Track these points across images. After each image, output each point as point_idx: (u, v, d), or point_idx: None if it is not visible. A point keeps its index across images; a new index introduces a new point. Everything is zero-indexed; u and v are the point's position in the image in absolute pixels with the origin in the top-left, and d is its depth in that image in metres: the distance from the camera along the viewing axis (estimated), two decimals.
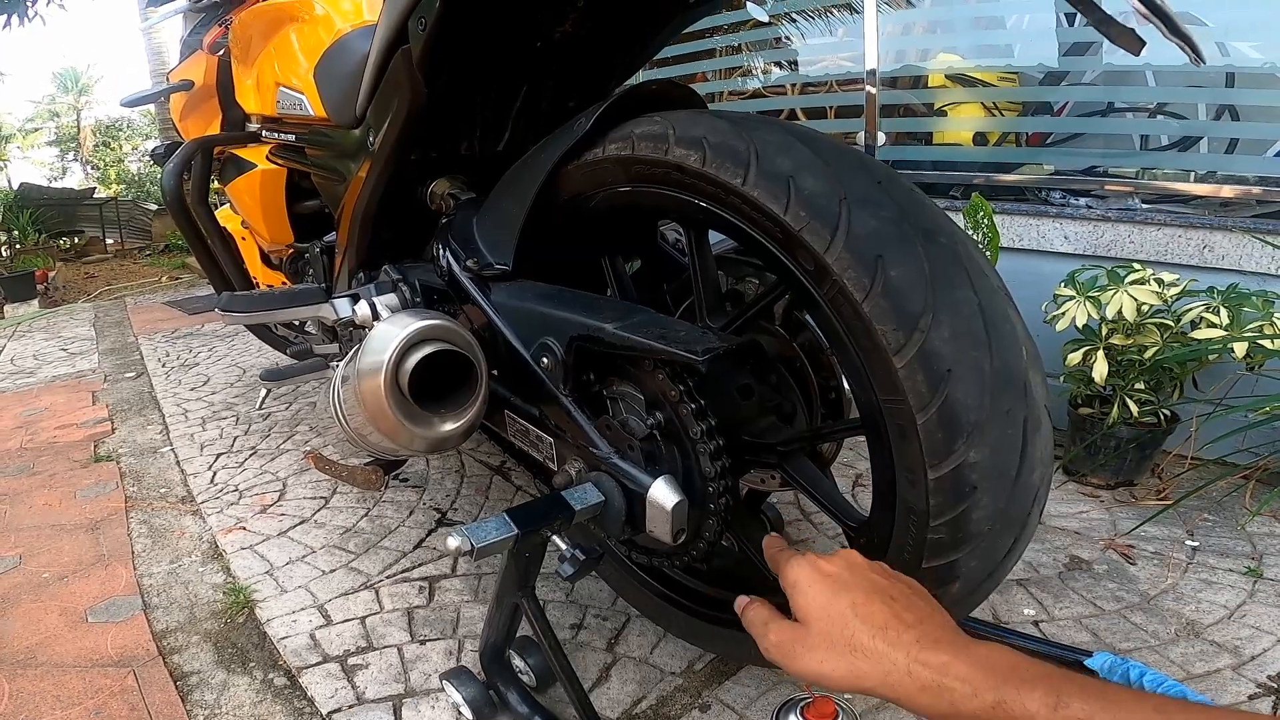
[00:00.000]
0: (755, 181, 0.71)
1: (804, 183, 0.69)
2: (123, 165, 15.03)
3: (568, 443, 0.90)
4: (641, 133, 0.81)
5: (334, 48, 1.33)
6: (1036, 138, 2.38)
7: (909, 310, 0.64)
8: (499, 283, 0.97)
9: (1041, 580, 1.33)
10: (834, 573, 0.58)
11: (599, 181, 0.87)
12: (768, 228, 0.71)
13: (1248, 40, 2.07)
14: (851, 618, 0.54)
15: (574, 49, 1.04)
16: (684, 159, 0.76)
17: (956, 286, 0.65)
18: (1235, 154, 2.02)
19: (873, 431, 0.71)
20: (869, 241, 0.65)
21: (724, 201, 0.74)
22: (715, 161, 0.74)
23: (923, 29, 2.67)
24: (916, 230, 0.66)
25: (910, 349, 0.63)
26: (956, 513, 0.66)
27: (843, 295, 0.66)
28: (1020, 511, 0.69)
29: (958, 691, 0.48)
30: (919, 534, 0.69)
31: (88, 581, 1.45)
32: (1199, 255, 1.69)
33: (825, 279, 0.67)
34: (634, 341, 0.77)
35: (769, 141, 0.72)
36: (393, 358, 0.81)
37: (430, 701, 1.09)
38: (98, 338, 3.47)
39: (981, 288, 0.66)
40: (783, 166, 0.70)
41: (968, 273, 0.66)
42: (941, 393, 0.63)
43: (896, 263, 0.65)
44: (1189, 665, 1.11)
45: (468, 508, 1.64)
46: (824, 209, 0.67)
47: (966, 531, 0.67)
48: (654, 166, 0.80)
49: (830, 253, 0.66)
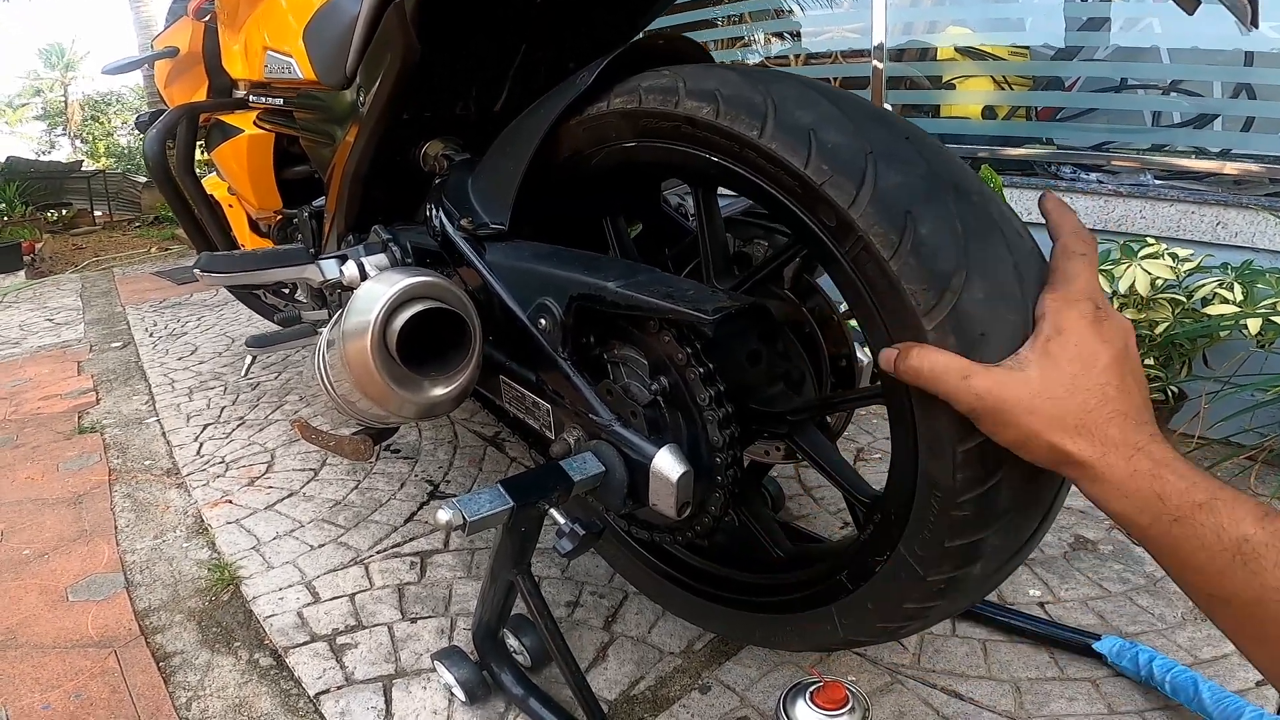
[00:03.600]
0: (773, 134, 0.66)
1: (826, 136, 0.64)
2: (112, 139, 14.80)
3: (566, 409, 0.86)
4: (649, 85, 0.77)
5: (323, 9, 1.28)
6: (1047, 112, 2.34)
7: (940, 268, 0.59)
8: (494, 242, 0.92)
9: (1047, 560, 1.30)
10: (1110, 339, 0.55)
11: (602, 137, 0.82)
12: (786, 182, 0.66)
13: (1269, 20, 2.04)
14: (1100, 399, 0.53)
15: (575, 7, 0.99)
16: (695, 111, 0.71)
17: (991, 244, 0.61)
18: (1251, 132, 1.99)
19: (894, 401, 0.67)
20: (897, 196, 0.61)
21: (738, 156, 0.70)
22: (729, 114, 0.69)
23: (932, 1, 2.61)
24: (948, 186, 0.62)
25: (942, 310, 0.59)
26: (985, 488, 0.62)
27: (868, 253, 0.62)
28: (1049, 487, 0.65)
29: (1172, 484, 0.49)
30: (943, 510, 0.65)
31: (69, 558, 1.41)
32: (1212, 232, 1.65)
33: (849, 236, 0.63)
34: (639, 300, 0.72)
35: (787, 94, 0.68)
36: (380, 316, 0.76)
37: (422, 682, 1.05)
38: (84, 308, 3.40)
39: (1016, 247, 0.62)
40: (803, 119, 0.66)
41: (1002, 231, 0.62)
42: (975, 358, 0.59)
43: (927, 218, 0.60)
44: (1196, 650, 1.09)
45: (461, 479, 1.61)
46: (849, 162, 0.63)
47: (994, 508, 0.63)
48: (662, 120, 0.75)
49: (855, 208, 0.61)
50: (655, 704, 1.02)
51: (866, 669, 1.06)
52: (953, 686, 1.02)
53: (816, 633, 0.83)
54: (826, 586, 0.80)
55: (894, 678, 1.04)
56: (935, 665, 1.06)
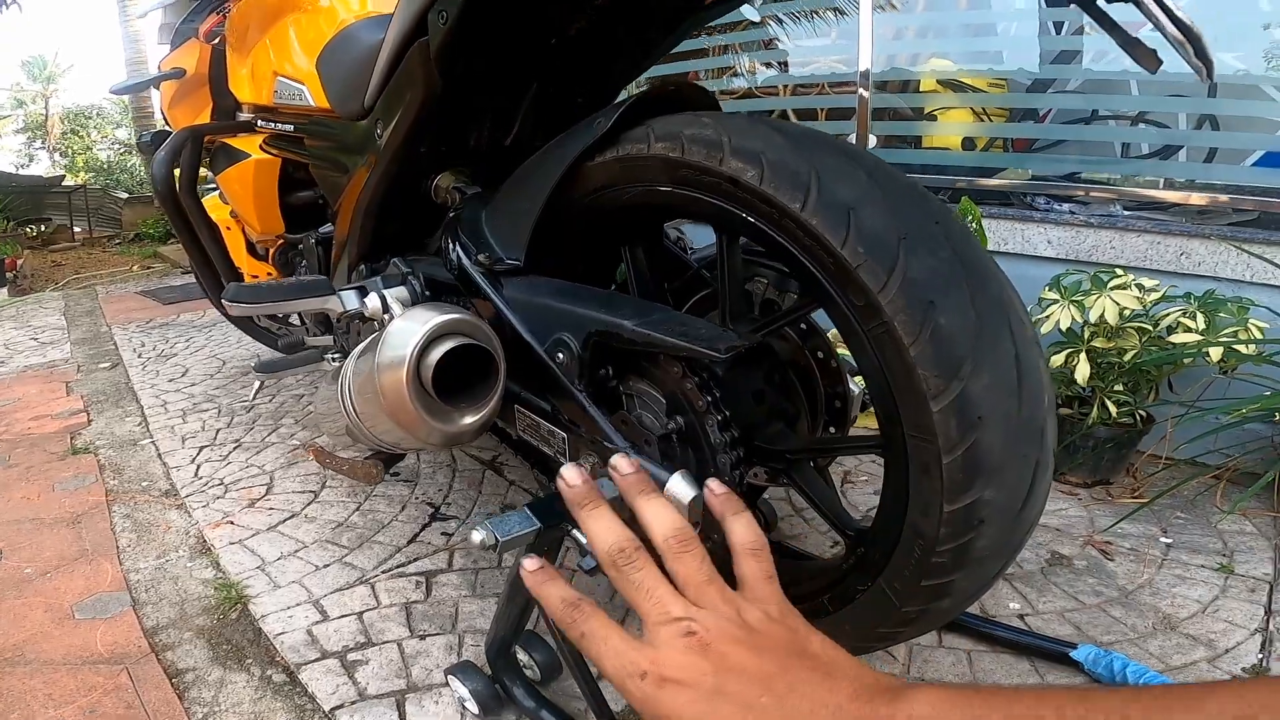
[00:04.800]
0: (815, 209, 0.69)
1: (864, 216, 0.68)
2: (91, 153, 14.65)
3: (582, 437, 0.90)
4: (692, 134, 0.79)
5: (338, 38, 1.32)
6: (1022, 143, 2.43)
7: (953, 358, 0.65)
8: (510, 277, 0.97)
9: (1025, 575, 1.37)
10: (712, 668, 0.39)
11: (637, 177, 0.85)
12: (821, 258, 0.70)
13: (1231, 51, 2.14)
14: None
15: (587, 46, 1.04)
16: (740, 173, 0.74)
17: (999, 338, 0.66)
18: (1214, 163, 2.09)
19: (892, 456, 0.73)
20: (923, 286, 0.66)
21: (775, 222, 0.73)
22: (773, 181, 0.72)
23: (915, 33, 2.70)
24: (969, 277, 0.67)
25: (948, 396, 0.65)
26: (962, 542, 0.69)
27: (889, 335, 0.67)
28: (1016, 541, 0.73)
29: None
30: (923, 557, 0.72)
31: (72, 577, 1.42)
32: (1177, 261, 1.74)
33: (874, 317, 0.68)
34: (654, 338, 0.78)
35: (830, 166, 0.71)
36: (415, 351, 0.81)
37: (434, 697, 1.09)
38: (69, 327, 3.39)
39: (1019, 338, 0.68)
40: (844, 196, 0.69)
41: (1009, 323, 0.68)
42: (970, 437, 0.65)
43: (947, 310, 0.65)
44: (1167, 658, 1.14)
45: (461, 502, 1.64)
46: (883, 247, 0.67)
47: (967, 558, 0.70)
48: (704, 174, 0.77)
49: (884, 294, 0.66)
50: None
51: None
52: None
53: None
54: (810, 606, 0.87)
55: None
56: (924, 674, 1.11)
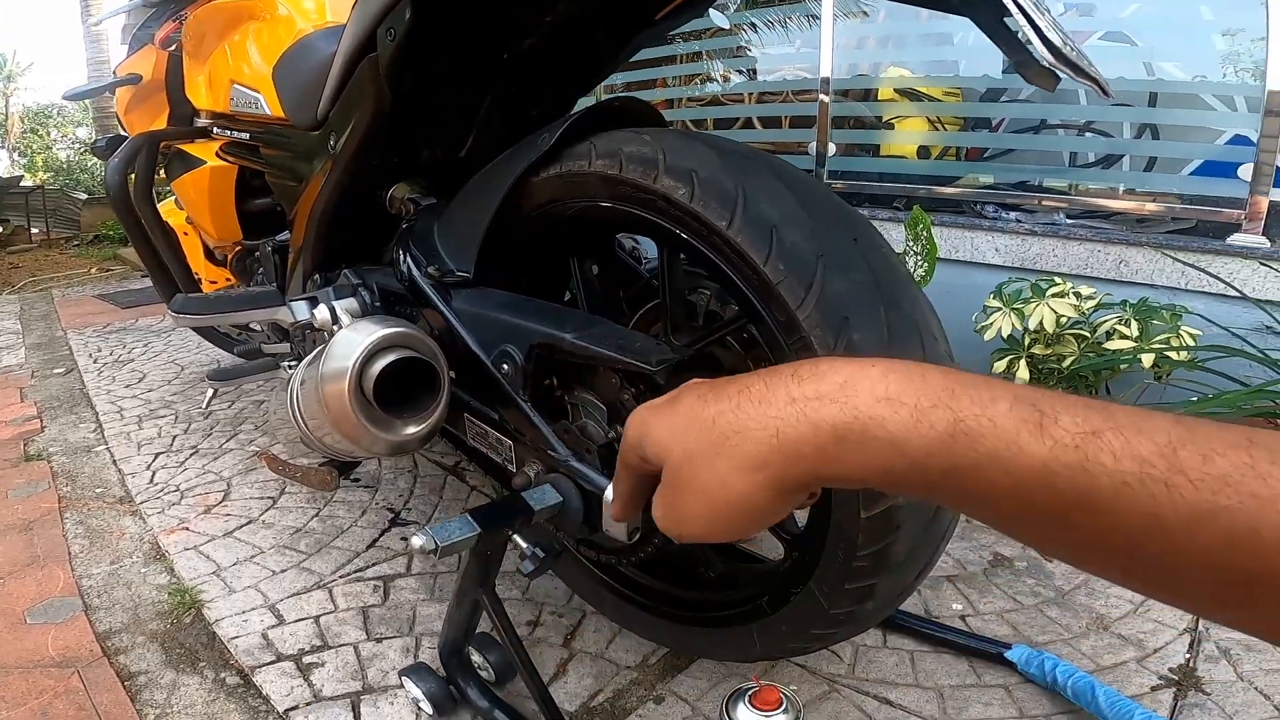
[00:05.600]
0: (740, 227, 0.73)
1: (786, 234, 0.71)
2: (51, 153, 14.32)
3: (526, 446, 0.93)
4: (630, 152, 0.81)
5: (295, 48, 1.33)
6: (975, 152, 2.50)
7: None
8: (460, 289, 0.99)
9: (968, 576, 1.41)
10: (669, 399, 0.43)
11: (579, 192, 0.88)
12: (746, 274, 0.74)
13: (1173, 60, 2.21)
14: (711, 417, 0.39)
15: (539, 60, 1.06)
16: (672, 191, 0.77)
17: (909, 353, 0.71)
18: (1153, 171, 2.16)
19: None
20: (839, 303, 0.70)
21: (705, 239, 0.76)
22: (703, 199, 0.75)
23: (875, 42, 2.76)
24: (883, 295, 0.71)
25: None
26: (880, 546, 0.73)
27: (807, 350, 0.71)
28: (932, 544, 0.77)
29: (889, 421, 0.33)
30: (846, 559, 0.75)
31: (23, 583, 1.41)
32: (1116, 269, 1.81)
33: (794, 332, 0.71)
34: (592, 351, 0.80)
35: (757, 186, 0.74)
36: (357, 364, 0.82)
37: (389, 698, 1.10)
38: (24, 331, 3.32)
39: (930, 352, 0.72)
40: (768, 214, 0.72)
41: (921, 338, 0.72)
42: None
43: (861, 326, 0.69)
44: (1098, 657, 1.18)
45: (422, 507, 1.65)
46: (802, 266, 0.70)
47: (886, 561, 0.74)
48: (639, 190, 0.81)
49: (802, 309, 0.70)
50: (613, 714, 1.08)
51: (806, 679, 1.14)
52: (884, 694, 1.11)
53: (738, 646, 0.95)
54: (750, 608, 0.91)
55: (831, 686, 1.12)
56: (868, 674, 1.15)
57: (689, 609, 1.02)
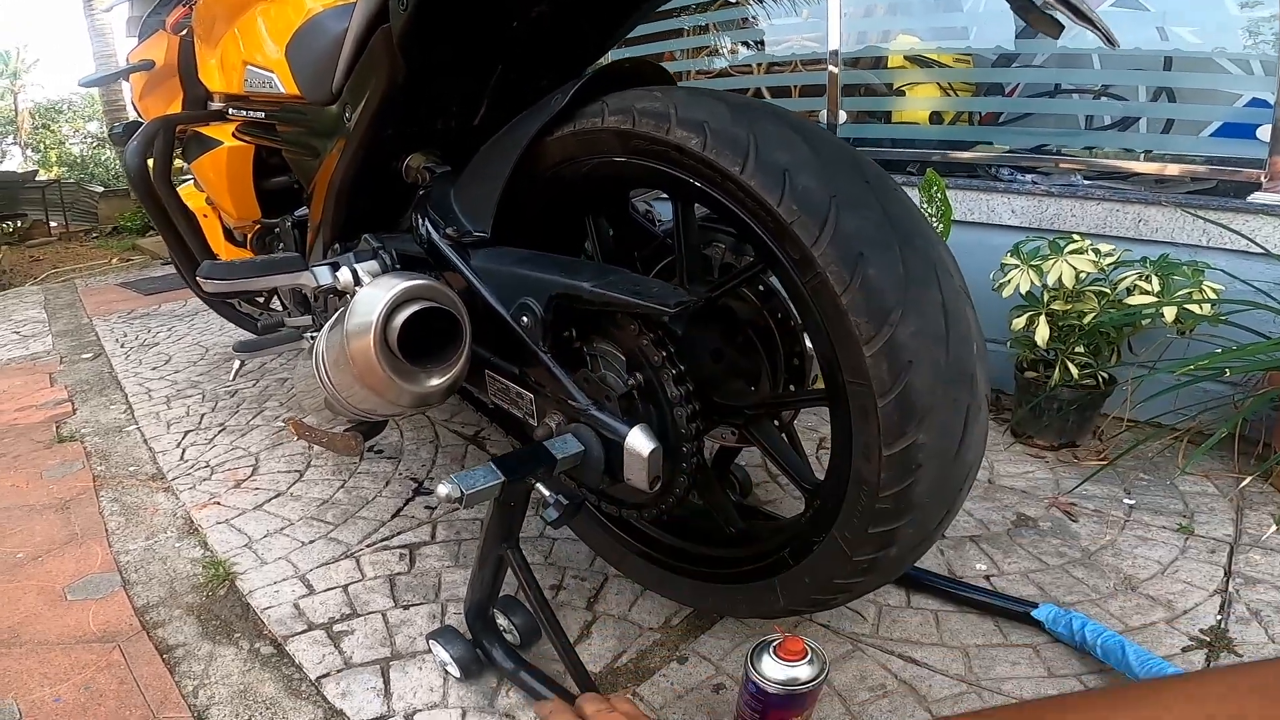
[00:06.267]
0: (753, 172, 0.74)
1: (799, 178, 0.73)
2: (64, 147, 14.47)
3: (547, 397, 0.94)
4: (643, 108, 0.83)
5: (306, 26, 1.34)
6: (989, 117, 2.47)
7: (882, 306, 0.70)
8: (478, 249, 1.00)
9: (992, 536, 1.41)
10: None
11: (593, 149, 0.89)
12: (760, 216, 0.75)
13: (1186, 25, 2.17)
14: None
15: (550, 28, 1.06)
16: (685, 141, 0.78)
17: (926, 287, 0.71)
18: (1171, 134, 2.13)
19: (836, 406, 0.77)
20: (853, 240, 0.70)
21: (719, 185, 0.78)
22: (715, 147, 0.76)
23: (884, 10, 2.73)
24: (897, 232, 0.72)
25: (879, 341, 0.69)
26: (902, 486, 0.73)
27: (823, 286, 0.72)
28: (954, 488, 0.77)
29: None
30: (868, 503, 0.76)
31: (63, 560, 1.45)
32: (1135, 228, 1.78)
33: (809, 269, 0.72)
34: (610, 297, 0.81)
35: (768, 132, 0.76)
36: (381, 315, 0.84)
37: (418, 663, 1.13)
38: (50, 320, 3.38)
39: (946, 288, 0.72)
40: (780, 159, 0.74)
41: (936, 273, 0.72)
42: (902, 381, 0.69)
43: (876, 261, 0.70)
44: (1126, 618, 1.17)
45: (445, 476, 1.67)
46: (815, 205, 0.71)
47: (909, 503, 0.75)
48: (653, 143, 0.82)
49: (817, 246, 0.71)
50: (638, 675, 1.10)
51: (830, 638, 1.14)
52: (908, 653, 1.11)
53: (761, 601, 0.95)
54: (772, 561, 0.92)
55: (855, 646, 1.13)
56: (892, 634, 1.15)
57: (710, 565, 1.03)
